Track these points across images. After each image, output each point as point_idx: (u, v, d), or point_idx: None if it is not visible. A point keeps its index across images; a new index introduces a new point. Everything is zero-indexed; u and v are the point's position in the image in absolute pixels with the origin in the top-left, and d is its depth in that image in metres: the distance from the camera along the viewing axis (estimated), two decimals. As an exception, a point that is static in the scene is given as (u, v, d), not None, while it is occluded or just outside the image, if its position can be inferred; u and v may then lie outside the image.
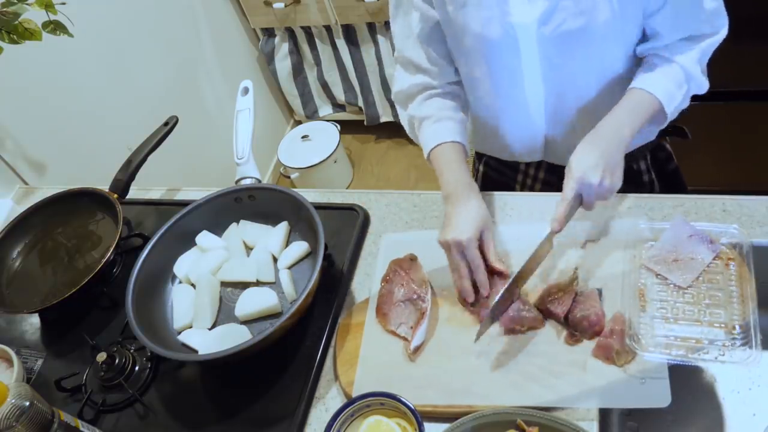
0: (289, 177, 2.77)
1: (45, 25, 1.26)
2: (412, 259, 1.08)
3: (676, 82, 1.02)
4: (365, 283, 1.13)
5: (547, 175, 1.28)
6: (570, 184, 0.94)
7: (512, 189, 1.33)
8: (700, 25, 1.02)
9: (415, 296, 1.03)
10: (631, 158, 1.22)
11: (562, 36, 0.99)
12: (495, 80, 1.10)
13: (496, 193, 1.19)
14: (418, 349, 0.99)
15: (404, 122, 1.19)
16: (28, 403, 0.85)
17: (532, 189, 1.31)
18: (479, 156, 1.39)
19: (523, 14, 0.98)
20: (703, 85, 1.06)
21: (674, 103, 1.02)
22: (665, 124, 1.07)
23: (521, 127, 1.17)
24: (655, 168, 1.27)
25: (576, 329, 0.94)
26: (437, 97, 1.14)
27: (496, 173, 1.36)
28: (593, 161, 0.93)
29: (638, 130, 0.99)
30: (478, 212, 1.00)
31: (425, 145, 1.11)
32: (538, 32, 0.99)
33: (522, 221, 1.13)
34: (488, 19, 1.00)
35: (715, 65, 1.06)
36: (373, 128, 2.84)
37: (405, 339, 1.01)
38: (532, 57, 1.03)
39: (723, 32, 1.03)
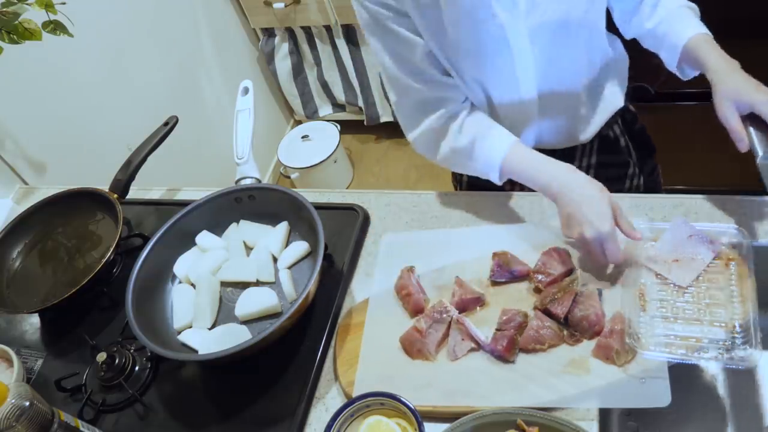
0: (289, 177, 2.77)
1: (45, 25, 1.26)
2: (410, 270, 1.07)
3: (688, 13, 1.06)
4: (365, 283, 1.12)
5: None
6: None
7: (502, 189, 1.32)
8: None
9: (437, 315, 1.00)
10: (607, 126, 1.24)
11: (546, 26, 1.02)
12: (489, 76, 1.10)
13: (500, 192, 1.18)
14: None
15: (444, 162, 1.13)
16: (28, 403, 0.85)
17: (522, 189, 1.29)
18: None
19: (507, 8, 0.99)
20: None
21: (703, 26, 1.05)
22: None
23: (514, 108, 1.15)
24: (626, 131, 1.29)
25: (576, 329, 0.94)
26: (465, 118, 1.09)
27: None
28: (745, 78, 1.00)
29: None
30: (602, 195, 0.96)
31: (491, 162, 1.07)
32: (524, 25, 1.01)
33: (531, 222, 1.12)
34: (476, 19, 1.00)
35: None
36: (373, 128, 2.84)
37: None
38: (523, 50, 1.04)
39: None
